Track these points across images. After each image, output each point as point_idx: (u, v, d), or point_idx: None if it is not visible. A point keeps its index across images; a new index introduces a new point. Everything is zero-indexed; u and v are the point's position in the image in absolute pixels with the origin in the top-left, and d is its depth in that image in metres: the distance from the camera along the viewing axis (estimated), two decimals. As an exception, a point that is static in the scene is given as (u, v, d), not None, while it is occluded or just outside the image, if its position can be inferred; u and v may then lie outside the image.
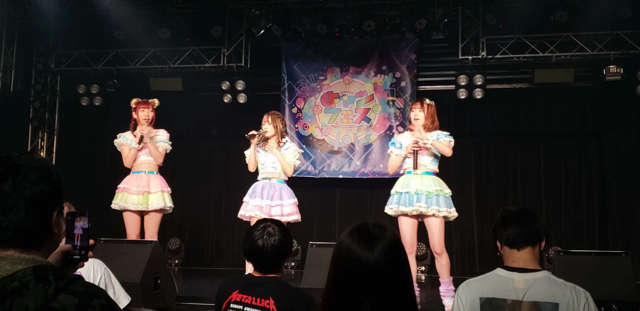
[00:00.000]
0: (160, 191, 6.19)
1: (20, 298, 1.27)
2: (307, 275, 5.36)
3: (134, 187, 6.13)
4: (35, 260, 1.36)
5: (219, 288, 2.79)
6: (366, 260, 1.66)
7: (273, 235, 2.72)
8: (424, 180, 5.44)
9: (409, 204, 5.38)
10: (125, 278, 4.97)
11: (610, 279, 4.67)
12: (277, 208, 5.94)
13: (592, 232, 8.67)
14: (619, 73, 8.03)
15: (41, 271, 1.33)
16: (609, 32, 8.18)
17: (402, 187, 5.48)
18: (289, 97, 9.25)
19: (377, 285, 1.65)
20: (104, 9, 8.96)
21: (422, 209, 5.35)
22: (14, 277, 1.30)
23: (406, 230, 5.49)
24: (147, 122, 6.26)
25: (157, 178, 6.27)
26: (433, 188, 5.38)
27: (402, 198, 5.44)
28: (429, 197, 5.35)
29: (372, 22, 8.63)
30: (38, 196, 1.41)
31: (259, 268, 2.76)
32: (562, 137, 8.96)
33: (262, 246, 2.70)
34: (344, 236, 1.74)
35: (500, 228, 2.66)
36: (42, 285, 1.30)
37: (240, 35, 9.12)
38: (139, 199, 6.09)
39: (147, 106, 6.31)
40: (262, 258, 2.73)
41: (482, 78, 8.51)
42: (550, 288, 2.47)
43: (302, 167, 9.06)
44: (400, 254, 1.72)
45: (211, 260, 9.40)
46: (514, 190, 8.96)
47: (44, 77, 9.89)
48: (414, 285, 1.75)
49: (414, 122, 5.55)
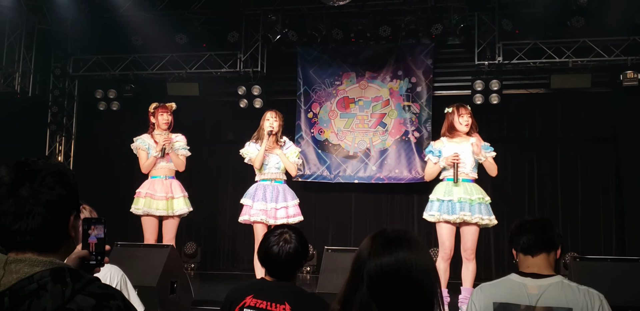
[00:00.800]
0: (183, 196, 6.28)
1: (38, 300, 1.30)
2: (323, 279, 5.36)
3: (158, 192, 6.17)
4: (52, 262, 1.39)
5: (228, 294, 2.77)
6: (388, 265, 1.66)
7: (289, 242, 2.71)
8: (466, 188, 5.49)
9: (452, 213, 5.42)
10: (142, 282, 5.01)
11: (626, 285, 4.64)
12: (282, 210, 5.92)
13: (609, 238, 8.60)
14: (636, 78, 7.98)
15: (58, 273, 1.35)
16: (625, 38, 8.14)
17: (443, 194, 5.50)
18: (305, 102, 9.28)
19: (399, 291, 1.65)
20: (121, 15, 9.03)
21: (466, 217, 5.39)
22: (32, 279, 1.33)
23: (446, 237, 5.52)
24: (167, 125, 6.32)
25: (177, 182, 6.35)
26: (475, 196, 5.45)
27: (445, 206, 5.46)
28: (472, 205, 5.39)
29: (388, 28, 8.64)
30: (55, 201, 1.43)
31: (273, 274, 2.75)
32: (579, 143, 8.91)
33: (277, 252, 2.69)
34: (364, 243, 1.75)
35: (515, 235, 2.67)
36: (59, 287, 1.32)
37: (257, 41, 9.15)
38: (163, 204, 6.14)
39: (166, 110, 6.38)
40: (276, 265, 2.72)
41: (498, 83, 8.49)
42: (563, 293, 2.47)
43: (318, 172, 9.08)
44: (423, 260, 1.72)
45: (227, 264, 9.43)
46: (530, 195, 8.92)
47: (62, 82, 9.97)
48: (441, 290, 1.75)
49: (460, 128, 5.58)
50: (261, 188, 5.99)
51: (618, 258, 5.38)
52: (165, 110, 6.39)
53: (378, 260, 1.67)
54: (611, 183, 8.71)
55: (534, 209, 8.79)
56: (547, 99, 8.91)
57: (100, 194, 9.17)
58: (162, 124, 6.33)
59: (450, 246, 5.51)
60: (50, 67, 9.89)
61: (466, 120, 5.59)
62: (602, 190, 8.70)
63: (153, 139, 6.34)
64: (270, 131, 5.96)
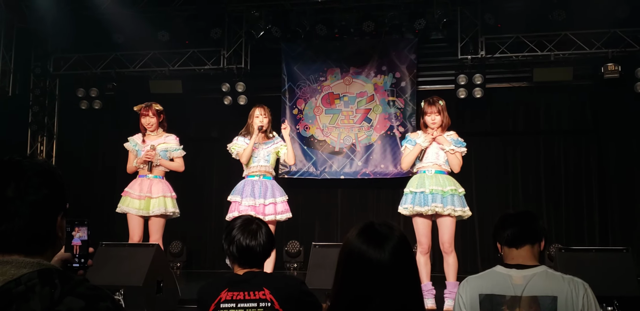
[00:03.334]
0: (162, 196, 6.09)
1: (26, 303, 1.27)
2: (311, 275, 5.35)
3: (136, 192, 6.07)
4: (40, 264, 1.36)
5: (200, 292, 2.77)
6: (377, 259, 1.67)
7: (259, 229, 2.81)
8: (438, 179, 5.46)
9: (424, 204, 5.40)
10: (128, 282, 4.98)
11: (611, 275, 4.68)
12: (270, 206, 5.87)
13: (593, 229, 8.68)
14: (617, 71, 8.05)
15: (46, 274, 1.33)
16: (606, 30, 8.20)
17: (416, 186, 5.50)
18: (290, 99, 9.27)
19: (387, 283, 1.66)
20: (102, 12, 8.94)
21: (437, 209, 5.36)
22: (19, 281, 1.30)
23: (422, 230, 5.50)
24: (151, 128, 6.19)
25: (161, 182, 6.19)
26: (448, 187, 5.40)
27: (417, 198, 5.45)
28: (445, 196, 5.37)
29: (371, 23, 8.65)
30: (42, 201, 1.41)
31: (250, 264, 2.80)
32: (562, 135, 8.98)
33: (255, 244, 2.78)
34: (351, 237, 1.75)
35: (499, 229, 2.71)
36: (47, 289, 1.29)
37: (240, 37, 9.12)
38: (140, 204, 6.04)
39: (148, 111, 6.20)
40: (256, 256, 2.80)
41: (481, 77, 8.53)
42: (548, 282, 2.51)
43: (304, 168, 9.07)
44: (409, 253, 1.74)
45: (213, 262, 9.39)
46: (514, 188, 8.97)
47: (42, 81, 9.88)
48: (421, 284, 1.77)
49: (431, 126, 5.56)
50: (249, 183, 5.92)
51: (602, 249, 5.44)
52: (147, 112, 6.20)
53: (369, 254, 1.67)
54: (594, 174, 8.78)
55: (518, 202, 8.85)
56: (529, 93, 8.97)
57: (83, 193, 9.11)
58: (145, 127, 6.20)
59: (426, 240, 5.49)
60: (30, 66, 9.77)
61: (432, 119, 5.54)
62: (585, 179, 8.78)
63: (143, 139, 6.21)
64: (261, 127, 5.94)
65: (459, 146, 5.53)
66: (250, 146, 5.87)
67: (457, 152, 5.51)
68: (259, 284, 2.66)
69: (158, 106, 6.31)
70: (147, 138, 6.23)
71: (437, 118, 5.53)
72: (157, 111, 6.26)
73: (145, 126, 6.21)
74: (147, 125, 6.20)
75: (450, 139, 5.54)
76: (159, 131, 6.28)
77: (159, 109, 6.29)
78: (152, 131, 6.23)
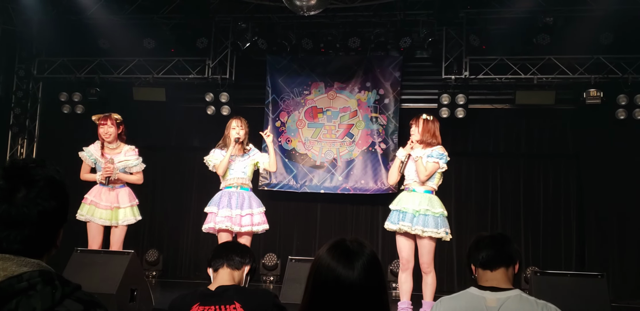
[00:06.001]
0: (130, 206, 6.06)
1: (27, 299, 1.30)
2: (286, 289, 5.35)
3: (103, 201, 5.98)
4: (39, 264, 1.39)
5: (171, 306, 2.78)
6: (346, 277, 1.67)
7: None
8: (414, 198, 5.43)
9: (394, 222, 5.41)
10: (101, 289, 4.92)
11: (585, 300, 4.71)
12: (247, 217, 5.84)
13: (570, 253, 8.73)
14: (599, 97, 8.14)
15: (47, 275, 1.36)
16: (589, 56, 8.31)
17: (395, 204, 5.53)
18: (273, 111, 9.26)
19: (356, 301, 1.66)
20: (89, 17, 8.91)
21: (405, 228, 5.36)
22: (21, 278, 1.33)
23: (401, 247, 5.51)
24: (109, 138, 6.06)
25: (126, 191, 6.13)
26: (421, 207, 5.36)
27: (393, 215, 5.48)
28: (415, 216, 5.33)
29: (357, 39, 8.69)
30: (50, 212, 1.43)
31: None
32: (542, 159, 9.05)
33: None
34: (322, 253, 1.75)
35: (474, 251, 2.72)
36: (49, 289, 1.32)
37: (226, 48, 9.13)
38: (107, 214, 5.97)
39: (106, 121, 6.08)
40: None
41: (464, 98, 8.58)
42: (521, 306, 2.52)
43: (284, 181, 9.06)
44: (379, 271, 1.74)
45: (189, 272, 9.33)
46: (493, 209, 9.01)
47: (25, 83, 9.79)
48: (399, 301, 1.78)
49: (410, 138, 5.60)
50: (226, 195, 5.91)
51: (578, 274, 5.45)
52: (105, 122, 6.07)
53: (338, 271, 1.67)
54: (572, 198, 8.84)
55: (497, 223, 8.89)
56: (511, 115, 9.03)
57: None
58: (103, 136, 6.07)
59: (406, 257, 5.48)
60: (14, 68, 9.70)
61: (412, 131, 5.62)
62: (563, 202, 8.84)
63: (102, 151, 6.09)
64: (237, 139, 5.93)
65: (431, 157, 5.45)
66: (227, 158, 5.87)
67: (427, 161, 5.44)
68: (230, 298, 2.67)
69: (117, 116, 6.18)
70: (106, 151, 6.11)
71: (416, 129, 5.58)
72: (117, 121, 6.13)
73: (103, 136, 6.08)
74: (104, 135, 6.07)
75: (432, 151, 5.50)
76: (117, 142, 6.16)
77: (118, 119, 6.15)
78: (110, 142, 6.10)
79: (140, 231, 8.89)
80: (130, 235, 6.40)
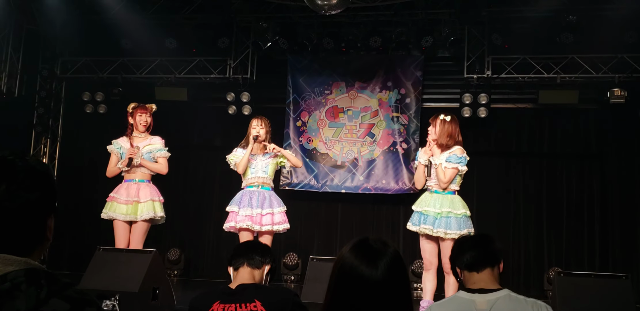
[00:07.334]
0: (151, 200, 6.05)
1: (11, 301, 1.24)
2: (307, 289, 5.34)
3: (123, 196, 6.01)
4: (27, 262, 1.33)
5: (192, 304, 2.79)
6: (370, 276, 1.67)
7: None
8: (435, 200, 5.40)
9: (416, 224, 5.40)
10: (124, 288, 4.96)
11: (609, 301, 4.66)
12: (267, 216, 5.86)
13: (593, 254, 8.64)
14: (623, 96, 8.05)
15: (33, 274, 1.30)
16: (613, 55, 8.21)
17: (417, 205, 5.50)
18: (294, 111, 9.27)
19: (379, 300, 1.66)
20: (111, 17, 8.98)
21: (426, 231, 5.34)
22: (5, 278, 1.27)
23: (424, 247, 5.51)
24: (145, 127, 6.16)
25: (148, 186, 6.14)
26: (442, 209, 5.33)
27: (414, 217, 5.47)
28: (437, 218, 5.31)
29: (378, 38, 8.67)
30: (32, 204, 1.37)
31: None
32: (565, 159, 8.96)
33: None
34: (345, 252, 1.75)
35: (458, 254, 2.74)
36: (34, 288, 1.26)
37: (247, 47, 9.15)
38: (127, 209, 5.98)
39: (145, 110, 6.20)
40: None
41: (486, 97, 8.53)
42: (511, 306, 2.54)
43: (305, 180, 9.06)
44: (402, 270, 1.74)
45: (210, 271, 9.35)
46: (516, 209, 8.94)
47: (49, 83, 9.88)
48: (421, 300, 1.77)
49: (428, 140, 5.57)
50: (247, 194, 5.94)
51: (602, 274, 5.41)
52: (144, 111, 6.19)
53: (361, 270, 1.67)
54: (596, 199, 8.75)
55: (519, 224, 8.82)
56: (534, 114, 8.97)
57: (84, 197, 9.11)
58: (139, 125, 6.14)
59: (429, 258, 5.47)
60: (37, 68, 9.79)
61: (430, 130, 5.58)
62: (587, 202, 8.75)
63: (130, 142, 6.15)
64: (256, 137, 5.95)
65: (450, 162, 5.40)
66: (246, 156, 5.90)
67: (446, 167, 5.40)
68: (250, 296, 2.68)
69: (154, 106, 6.34)
70: (134, 141, 6.17)
71: (432, 131, 5.56)
72: (152, 111, 6.28)
73: (140, 125, 6.15)
74: (141, 124, 6.15)
75: (450, 154, 5.46)
76: (146, 133, 6.24)
77: (154, 109, 6.30)
78: (143, 131, 6.18)
79: (162, 230, 8.93)
80: (151, 234, 6.42)
